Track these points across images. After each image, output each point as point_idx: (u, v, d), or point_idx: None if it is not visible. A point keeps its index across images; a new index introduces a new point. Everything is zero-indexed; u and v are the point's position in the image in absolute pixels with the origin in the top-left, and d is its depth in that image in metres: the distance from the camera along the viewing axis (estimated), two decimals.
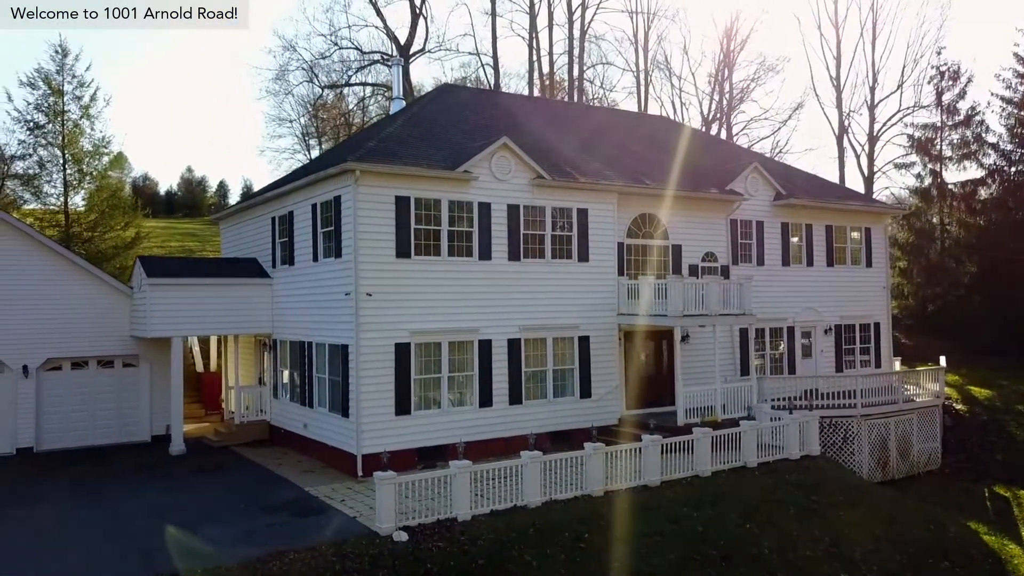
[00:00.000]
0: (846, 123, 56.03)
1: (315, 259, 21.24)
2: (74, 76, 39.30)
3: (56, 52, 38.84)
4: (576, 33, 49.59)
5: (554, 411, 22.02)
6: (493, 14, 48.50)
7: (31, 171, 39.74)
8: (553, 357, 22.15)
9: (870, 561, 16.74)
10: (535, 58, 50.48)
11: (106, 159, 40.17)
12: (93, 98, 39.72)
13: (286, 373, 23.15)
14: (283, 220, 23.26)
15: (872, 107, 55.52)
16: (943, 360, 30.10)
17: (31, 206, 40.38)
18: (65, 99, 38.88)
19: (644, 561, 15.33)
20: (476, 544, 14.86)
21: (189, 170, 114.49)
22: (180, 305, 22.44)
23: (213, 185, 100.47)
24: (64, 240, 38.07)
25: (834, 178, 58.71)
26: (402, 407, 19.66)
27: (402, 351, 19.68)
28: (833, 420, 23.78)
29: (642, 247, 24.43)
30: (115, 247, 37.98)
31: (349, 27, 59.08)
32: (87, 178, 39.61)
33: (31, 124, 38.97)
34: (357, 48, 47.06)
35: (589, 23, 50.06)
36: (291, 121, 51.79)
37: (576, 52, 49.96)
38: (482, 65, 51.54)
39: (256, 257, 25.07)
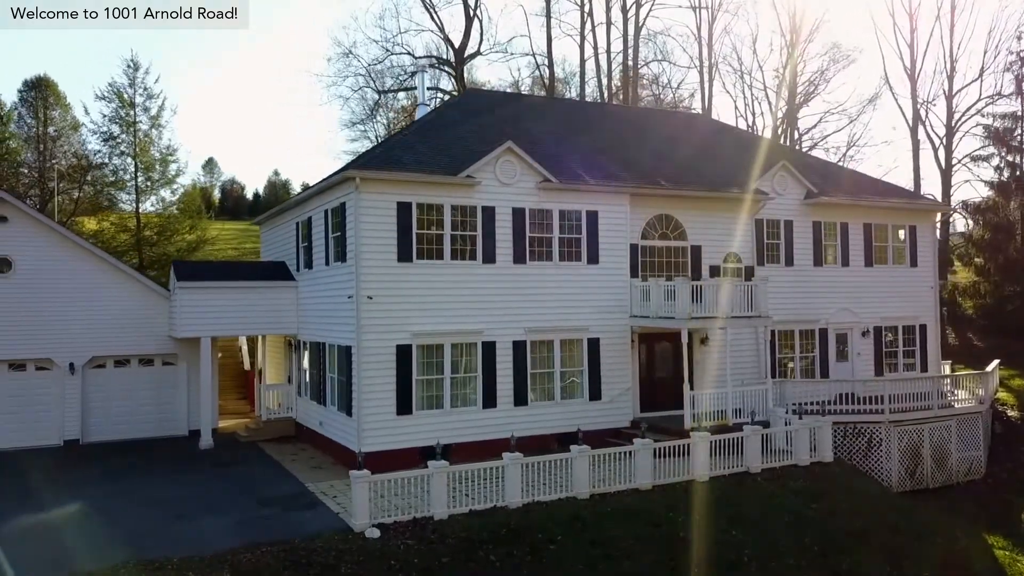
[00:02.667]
0: (921, 115, 53.54)
1: (327, 263, 22.07)
2: (145, 88, 41.81)
3: (128, 66, 41.41)
4: (631, 30, 49.20)
5: (562, 413, 22.13)
6: (548, 15, 48.66)
7: (107, 179, 42.51)
8: (561, 359, 22.28)
9: (857, 572, 16.28)
10: (585, 57, 50.32)
11: (173, 166, 42.51)
12: (161, 108, 42.19)
13: (307, 372, 24.11)
14: (304, 225, 24.22)
15: (950, 97, 52.84)
16: (994, 363, 28.59)
17: (108, 212, 43.12)
18: (136, 111, 41.38)
19: (614, 563, 15.38)
20: (444, 542, 15.24)
21: (276, 173, 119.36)
22: (208, 307, 23.67)
23: (297, 187, 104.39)
24: (136, 244, 40.59)
25: (909, 172, 56.38)
26: (404, 407, 20.22)
27: (404, 352, 20.23)
28: (857, 426, 23.05)
29: (658, 248, 24.25)
30: (179, 250, 40.11)
31: (401, 32, 60.27)
32: (155, 185, 42.01)
33: (106, 135, 41.67)
34: (410, 53, 48.14)
35: (643, 21, 49.57)
36: (354, 123, 53.23)
37: (631, 51, 49.57)
38: (537, 66, 51.75)
39: (285, 261, 26.16)
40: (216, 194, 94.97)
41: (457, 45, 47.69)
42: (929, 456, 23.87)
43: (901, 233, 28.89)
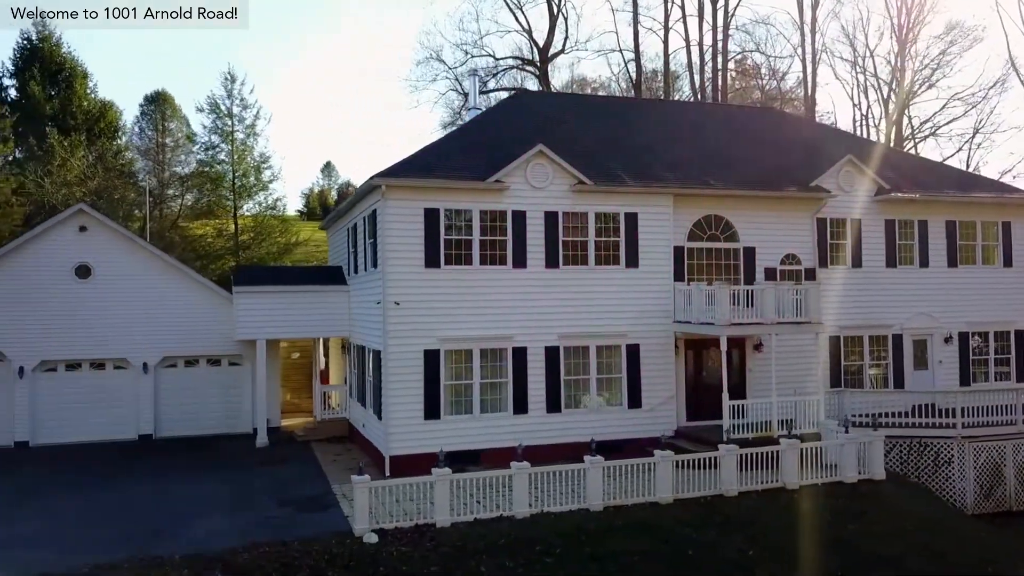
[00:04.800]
0: None
1: (365, 268, 22.53)
2: (241, 99, 44.02)
3: (226, 79, 43.72)
4: (720, 21, 47.47)
5: (599, 421, 21.62)
6: (635, 8, 47.68)
7: (208, 187, 45.05)
8: (597, 366, 21.79)
9: None
10: (669, 51, 48.89)
11: (267, 173, 44.56)
12: (256, 117, 44.33)
13: (355, 375, 24.69)
14: (352, 231, 24.82)
15: None
16: None
17: (209, 218, 45.67)
18: (233, 121, 43.64)
19: None
20: (438, 551, 15.20)
21: None
22: (264, 310, 24.67)
23: None
24: (233, 249, 42.78)
25: None
26: (432, 411, 20.35)
27: (431, 358, 20.36)
28: (922, 441, 21.37)
29: (706, 250, 23.29)
30: (269, 253, 42.00)
31: (482, 36, 60.64)
32: (251, 191, 44.16)
33: (207, 145, 44.18)
34: (491, 55, 48.35)
35: (733, 11, 47.68)
36: (446, 126, 53.93)
37: (720, 43, 47.83)
38: (625, 63, 50.78)
39: (341, 265, 26.89)
40: (333, 196, 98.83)
41: (541, 44, 47.55)
42: (1013, 476, 21.84)
43: (992, 230, 26.50)
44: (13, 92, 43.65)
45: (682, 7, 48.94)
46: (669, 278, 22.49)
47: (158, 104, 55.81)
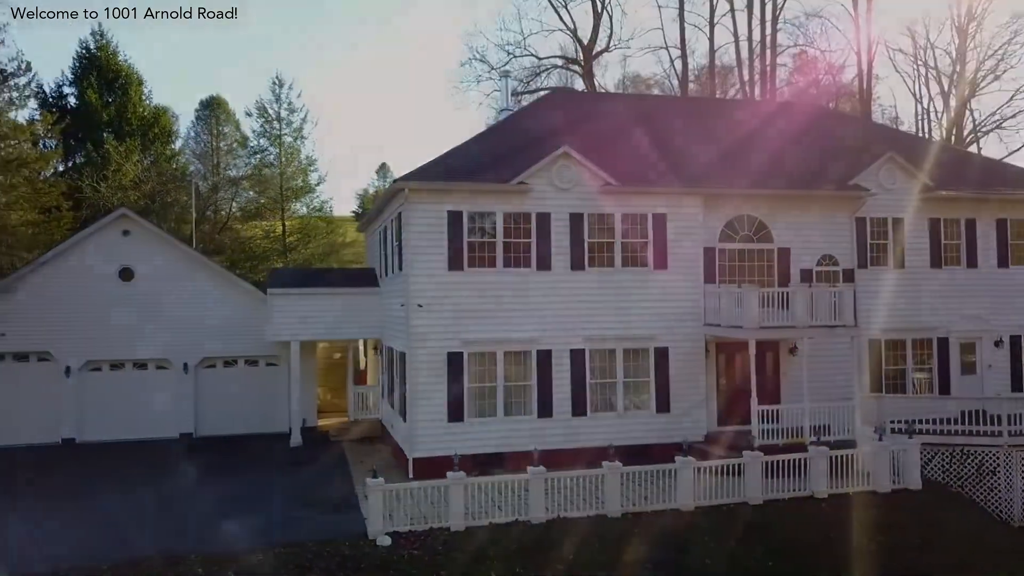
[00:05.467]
0: None
1: (393, 271, 22.67)
2: (289, 103, 44.81)
3: (274, 83, 44.58)
4: (768, 15, 46.37)
5: (626, 425, 21.31)
6: (681, 5, 46.91)
7: (256, 190, 45.96)
8: (624, 369, 21.48)
9: None
10: (715, 47, 47.93)
11: (313, 175, 45.25)
12: (304, 120, 45.08)
13: (384, 376, 24.87)
14: (383, 233, 25.00)
15: None
16: None
17: (258, 220, 46.61)
18: (280, 124, 44.45)
19: None
20: (449, 555, 15.20)
21: None
22: (297, 312, 24.98)
23: None
24: (282, 250, 43.60)
25: None
26: (455, 414, 20.33)
27: (455, 360, 20.35)
28: (964, 449, 20.52)
29: (739, 252, 22.75)
30: (315, 255, 42.66)
31: (524, 36, 60.32)
32: (298, 193, 44.91)
33: (255, 149, 45.07)
34: (534, 55, 48.12)
35: (782, 5, 46.48)
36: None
37: (768, 38, 46.72)
38: (671, 60, 50.03)
39: (375, 267, 27.11)
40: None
41: (585, 43, 47.15)
42: None
43: None
44: (72, 100, 45.16)
45: (730, 1, 47.65)
46: (699, 280, 22.04)
47: (212, 109, 57.16)
